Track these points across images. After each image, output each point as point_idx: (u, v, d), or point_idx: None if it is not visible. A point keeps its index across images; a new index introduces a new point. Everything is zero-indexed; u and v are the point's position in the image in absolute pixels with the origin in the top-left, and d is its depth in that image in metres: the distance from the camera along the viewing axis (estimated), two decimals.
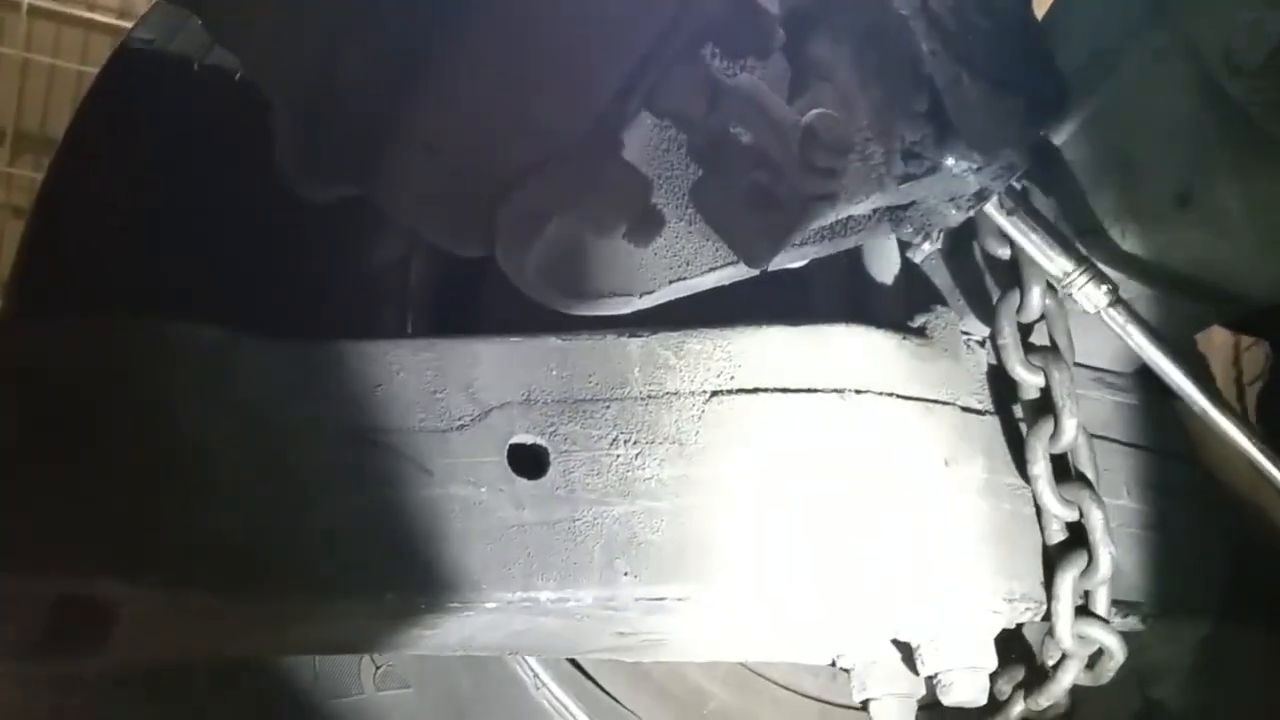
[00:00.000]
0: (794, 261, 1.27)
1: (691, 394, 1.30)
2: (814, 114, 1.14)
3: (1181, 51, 1.16)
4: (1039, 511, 1.38)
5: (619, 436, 1.25)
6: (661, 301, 1.24)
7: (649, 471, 1.24)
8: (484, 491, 1.18)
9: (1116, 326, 1.31)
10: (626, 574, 1.20)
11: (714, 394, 1.30)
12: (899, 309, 1.47)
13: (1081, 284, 1.30)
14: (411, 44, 1.14)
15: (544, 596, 1.17)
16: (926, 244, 1.32)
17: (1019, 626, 1.44)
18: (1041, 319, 1.40)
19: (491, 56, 1.13)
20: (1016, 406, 1.43)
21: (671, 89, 1.12)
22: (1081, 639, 1.36)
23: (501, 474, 1.19)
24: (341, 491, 1.15)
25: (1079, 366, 1.42)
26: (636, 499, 1.23)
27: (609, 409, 1.26)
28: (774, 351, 1.34)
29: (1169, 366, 1.31)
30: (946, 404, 1.39)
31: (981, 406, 1.42)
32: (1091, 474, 1.39)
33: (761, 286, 1.28)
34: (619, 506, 1.22)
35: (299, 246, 1.51)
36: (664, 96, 1.12)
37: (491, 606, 1.16)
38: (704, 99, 1.12)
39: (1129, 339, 1.31)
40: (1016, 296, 1.39)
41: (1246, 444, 1.31)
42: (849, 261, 1.50)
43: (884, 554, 1.31)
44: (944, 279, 1.48)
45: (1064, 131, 1.30)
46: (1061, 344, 1.39)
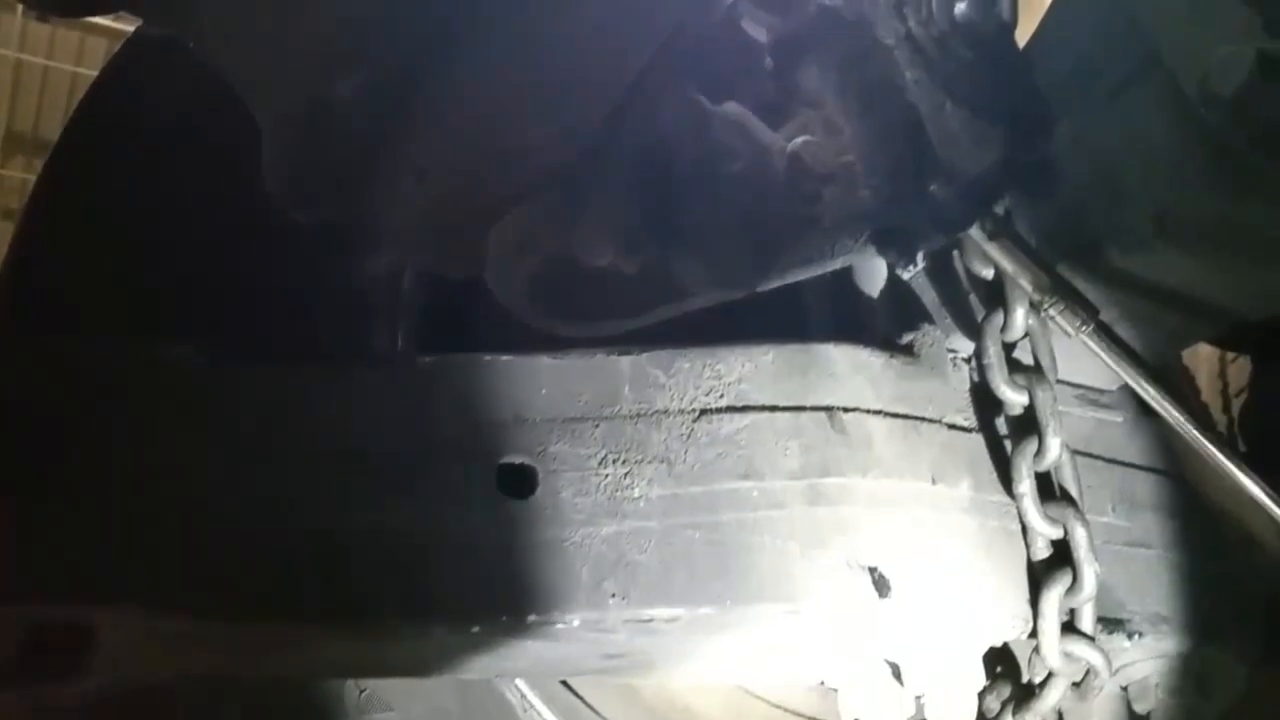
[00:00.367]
0: (780, 282, 1.28)
1: (681, 412, 1.30)
2: (800, 140, 1.15)
3: (1160, 79, 1.18)
4: (1024, 529, 1.39)
5: (608, 456, 1.25)
6: (649, 323, 1.24)
7: (637, 491, 1.24)
8: (471, 513, 1.18)
9: (1094, 349, 1.32)
10: (614, 595, 1.19)
11: (703, 412, 1.30)
12: (886, 327, 1.48)
13: (1060, 308, 1.32)
14: (403, 69, 1.14)
15: (530, 619, 1.16)
16: (911, 264, 1.33)
17: (1006, 643, 1.44)
18: (1025, 338, 1.41)
19: (482, 83, 1.14)
20: (1001, 424, 1.44)
21: (660, 116, 1.13)
22: (1067, 656, 1.37)
23: (489, 495, 1.19)
24: (325, 514, 1.15)
25: (1063, 384, 1.43)
26: (625, 519, 1.22)
27: (598, 428, 1.26)
28: (763, 370, 1.34)
29: (1147, 387, 1.32)
30: (933, 422, 1.40)
31: (967, 424, 1.43)
32: (1075, 491, 1.39)
33: (750, 305, 1.28)
34: (607, 527, 1.21)
35: (291, 259, 1.50)
36: (652, 123, 1.13)
37: (477, 630, 1.16)
38: (692, 126, 1.13)
39: (1107, 360, 1.32)
40: (1000, 316, 1.40)
41: (1224, 461, 1.32)
42: (837, 280, 1.51)
43: (871, 572, 1.31)
44: (930, 297, 1.49)
45: (1045, 155, 1.31)
46: (1045, 363, 1.41)
